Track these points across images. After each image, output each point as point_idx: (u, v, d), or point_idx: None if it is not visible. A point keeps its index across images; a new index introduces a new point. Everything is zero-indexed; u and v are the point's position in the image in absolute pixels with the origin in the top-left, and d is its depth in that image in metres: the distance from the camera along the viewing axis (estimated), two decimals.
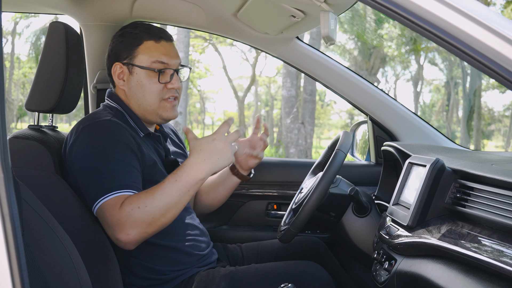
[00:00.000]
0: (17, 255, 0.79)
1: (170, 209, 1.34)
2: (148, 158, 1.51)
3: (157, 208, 1.32)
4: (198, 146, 1.38)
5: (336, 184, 1.72)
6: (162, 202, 1.32)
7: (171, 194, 1.33)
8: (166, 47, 1.58)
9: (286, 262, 1.64)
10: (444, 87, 23.07)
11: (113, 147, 1.42)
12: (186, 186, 1.34)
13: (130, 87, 1.59)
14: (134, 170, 1.43)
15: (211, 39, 18.88)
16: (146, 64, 1.56)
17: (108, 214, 1.33)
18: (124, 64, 1.59)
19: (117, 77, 1.61)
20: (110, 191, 1.35)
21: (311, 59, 2.05)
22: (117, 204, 1.33)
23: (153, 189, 1.35)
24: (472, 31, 0.89)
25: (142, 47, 1.57)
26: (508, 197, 1.08)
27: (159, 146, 1.64)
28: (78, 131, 1.47)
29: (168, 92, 1.57)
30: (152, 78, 1.56)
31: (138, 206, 1.31)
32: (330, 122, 35.87)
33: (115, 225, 1.32)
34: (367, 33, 14.49)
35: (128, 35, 1.59)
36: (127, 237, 1.31)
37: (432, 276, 1.12)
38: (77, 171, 1.43)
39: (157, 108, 1.58)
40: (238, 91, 26.79)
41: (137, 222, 1.31)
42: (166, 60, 1.56)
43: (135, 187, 1.39)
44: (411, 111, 2.10)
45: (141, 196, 1.33)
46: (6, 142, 0.82)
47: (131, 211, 1.31)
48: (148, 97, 1.56)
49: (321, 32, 1.22)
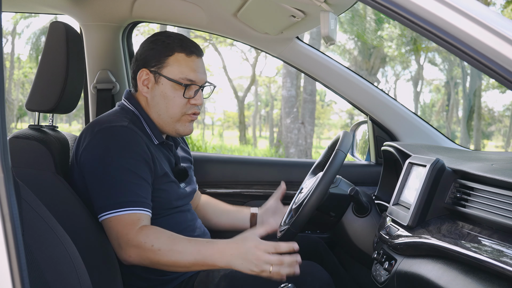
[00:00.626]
0: (17, 255, 0.79)
1: (176, 266, 1.37)
2: (160, 168, 1.51)
3: (167, 258, 1.35)
4: (241, 238, 1.37)
5: (336, 184, 1.72)
6: (174, 258, 1.35)
7: (186, 258, 1.35)
8: (197, 62, 1.56)
9: None
10: (444, 87, 23.08)
11: (128, 157, 1.42)
12: (203, 261, 1.35)
13: (153, 95, 1.57)
14: (146, 184, 1.44)
15: (211, 39, 18.88)
16: (173, 77, 1.53)
17: (120, 229, 1.37)
18: (151, 72, 1.56)
19: (141, 83, 1.58)
20: (122, 207, 1.38)
21: (311, 59, 2.05)
22: (132, 224, 1.37)
23: (176, 240, 1.37)
24: (472, 31, 0.89)
25: (173, 59, 1.54)
26: (508, 197, 1.08)
27: (171, 154, 1.64)
28: (93, 133, 1.46)
29: (190, 108, 1.56)
30: (177, 91, 1.54)
31: (152, 244, 1.35)
32: (330, 122, 35.87)
33: (124, 243, 1.37)
34: (367, 33, 14.48)
35: (160, 43, 1.56)
36: (127, 258, 1.37)
37: (432, 276, 1.12)
38: (88, 174, 1.44)
39: (176, 121, 1.57)
40: (238, 91, 26.80)
41: (143, 255, 1.36)
42: (194, 77, 1.54)
43: (147, 204, 1.43)
44: (411, 111, 2.10)
45: (161, 237, 1.36)
46: (6, 142, 0.82)
47: (144, 244, 1.35)
48: (170, 109, 1.55)
49: (321, 32, 1.22)
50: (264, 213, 1.91)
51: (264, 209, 1.92)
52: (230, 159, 2.28)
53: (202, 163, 2.14)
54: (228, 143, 20.63)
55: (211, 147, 12.63)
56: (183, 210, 1.63)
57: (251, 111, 34.84)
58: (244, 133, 23.27)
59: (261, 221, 1.90)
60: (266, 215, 1.90)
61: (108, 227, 1.40)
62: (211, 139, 17.40)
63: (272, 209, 1.90)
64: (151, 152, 1.49)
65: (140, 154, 1.45)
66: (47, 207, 1.12)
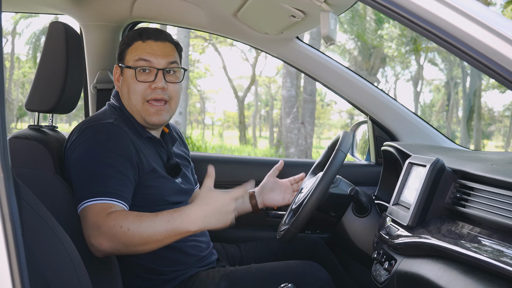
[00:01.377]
0: (17, 255, 0.79)
1: (150, 242, 1.29)
2: (147, 164, 1.50)
3: (138, 236, 1.28)
4: (205, 199, 1.31)
5: (336, 184, 1.72)
6: (145, 234, 1.28)
7: (157, 231, 1.29)
8: (152, 46, 1.54)
9: (286, 262, 1.64)
10: (444, 87, 23.07)
11: (109, 152, 1.42)
12: (174, 230, 1.28)
13: (122, 88, 1.58)
14: (125, 179, 1.41)
15: (211, 39, 18.88)
16: (130, 64, 1.54)
17: (90, 217, 1.32)
18: (119, 66, 1.59)
19: (115, 79, 1.61)
20: (96, 196, 1.34)
21: (311, 59, 2.05)
22: (102, 212, 1.32)
23: (143, 217, 1.31)
24: (472, 31, 0.89)
25: (131, 48, 1.56)
26: (508, 197, 1.08)
27: (161, 150, 1.63)
28: (80, 130, 1.47)
29: (152, 93, 1.53)
30: (134, 77, 1.53)
31: (121, 225, 1.28)
32: (330, 122, 35.88)
33: (94, 230, 1.30)
34: (367, 33, 14.48)
35: (125, 38, 1.60)
36: (99, 246, 1.29)
37: (432, 276, 1.12)
38: (72, 170, 1.44)
39: (140, 110, 1.54)
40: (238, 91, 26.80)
41: (114, 239, 1.29)
42: (149, 58, 1.52)
43: (121, 196, 1.37)
44: (411, 111, 2.10)
45: (128, 217, 1.30)
46: (6, 142, 0.82)
47: (113, 227, 1.29)
48: (132, 97, 1.54)
49: (321, 32, 1.22)
50: (262, 190, 1.90)
51: (260, 187, 1.91)
52: (230, 159, 2.28)
53: (202, 163, 2.14)
54: (228, 143, 20.63)
55: (211, 147, 12.64)
56: None
57: (251, 111, 34.85)
58: (244, 133, 23.27)
59: (261, 200, 1.89)
60: (264, 193, 1.90)
61: (82, 217, 1.35)
62: (211, 139, 17.41)
63: (269, 186, 1.90)
64: (137, 148, 1.48)
65: (122, 149, 1.44)
66: (47, 207, 1.12)
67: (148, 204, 1.51)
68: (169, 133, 1.69)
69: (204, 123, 34.44)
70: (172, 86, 1.55)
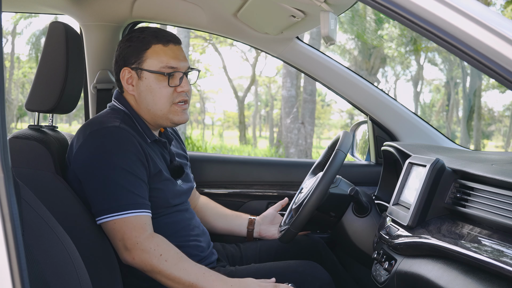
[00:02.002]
0: (17, 255, 0.79)
1: (175, 281, 1.38)
2: (154, 167, 1.51)
3: (171, 271, 1.38)
4: (245, 280, 1.44)
5: (336, 184, 1.72)
6: (177, 272, 1.38)
7: (188, 276, 1.38)
8: (175, 50, 1.56)
9: (286, 262, 1.64)
10: (444, 87, 23.07)
11: (122, 157, 1.42)
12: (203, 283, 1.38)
13: (139, 92, 1.56)
14: (143, 184, 1.45)
15: (211, 39, 18.88)
16: (155, 68, 1.53)
17: (127, 232, 1.39)
18: (133, 69, 1.56)
19: (126, 82, 1.57)
20: (127, 209, 1.40)
21: (311, 59, 2.05)
22: (140, 228, 1.40)
23: (183, 258, 1.42)
24: (472, 31, 0.89)
25: (150, 51, 1.54)
26: (508, 197, 1.08)
27: (165, 151, 1.63)
28: (85, 136, 1.46)
29: (178, 96, 1.55)
30: (161, 82, 1.54)
31: (161, 253, 1.38)
32: (330, 122, 35.88)
33: (131, 245, 1.39)
34: (367, 33, 14.48)
35: (135, 39, 1.56)
36: (131, 260, 1.40)
37: (432, 276, 1.12)
38: (84, 178, 1.44)
39: (167, 112, 1.55)
40: (238, 91, 26.81)
41: (148, 261, 1.38)
42: (175, 64, 1.54)
43: (147, 205, 1.45)
44: (411, 111, 2.10)
45: (170, 250, 1.40)
46: (6, 142, 0.82)
47: (153, 251, 1.38)
48: (158, 101, 1.54)
49: (321, 32, 1.22)
50: (262, 220, 1.92)
51: (262, 216, 1.93)
52: (229, 159, 2.28)
53: (202, 163, 2.14)
54: (228, 143, 20.63)
55: (211, 147, 12.63)
56: (181, 209, 1.63)
57: (251, 111, 34.85)
58: (244, 133, 23.28)
59: (258, 229, 1.91)
60: (264, 223, 1.92)
61: (111, 229, 1.40)
62: (211, 139, 17.40)
63: (269, 218, 1.92)
64: (145, 151, 1.49)
65: (134, 153, 1.45)
66: (47, 207, 1.12)
67: (154, 206, 1.52)
68: (164, 132, 1.69)
69: (204, 123, 34.42)
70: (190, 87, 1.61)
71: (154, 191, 1.51)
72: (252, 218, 1.93)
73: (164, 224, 1.54)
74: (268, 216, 1.92)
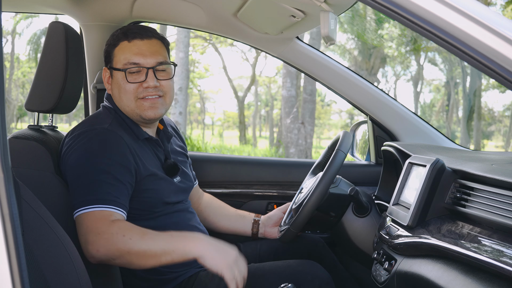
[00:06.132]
0: (17, 255, 0.79)
1: (146, 256, 1.31)
2: (144, 169, 1.50)
3: (137, 247, 1.30)
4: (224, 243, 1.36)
5: (336, 184, 1.72)
6: (145, 246, 1.31)
7: (157, 244, 1.31)
8: (139, 45, 1.54)
9: (286, 261, 1.64)
10: (444, 87, 23.07)
11: (103, 157, 1.42)
12: (174, 249, 1.31)
13: (113, 90, 1.58)
14: (121, 185, 1.42)
15: (211, 39, 18.88)
16: (120, 66, 1.53)
17: (90, 224, 1.34)
18: (109, 68, 1.58)
19: (106, 82, 1.60)
20: (94, 203, 1.36)
21: (311, 59, 2.05)
22: (103, 219, 1.34)
23: (147, 231, 1.34)
24: (472, 31, 0.89)
25: (117, 49, 1.55)
26: (508, 197, 1.08)
27: (159, 150, 1.62)
28: (74, 136, 1.47)
29: (144, 91, 1.53)
30: (125, 79, 1.53)
31: (124, 234, 1.31)
32: (330, 122, 35.90)
33: (93, 236, 1.32)
34: (367, 33, 14.48)
35: (110, 38, 1.58)
36: (95, 252, 1.31)
37: (432, 276, 1.12)
38: (68, 176, 1.44)
39: (135, 108, 1.54)
40: (238, 91, 26.81)
41: (113, 246, 1.30)
42: (138, 60, 1.52)
43: (118, 203, 1.39)
44: (411, 111, 2.10)
45: (133, 229, 1.33)
46: (6, 142, 0.82)
47: (115, 234, 1.31)
48: (124, 97, 1.54)
49: (321, 32, 1.22)
50: (267, 221, 1.91)
51: (267, 217, 1.92)
52: (230, 159, 2.28)
53: (202, 163, 2.14)
54: (228, 143, 20.63)
55: (211, 147, 12.63)
56: (180, 209, 1.63)
57: (251, 111, 34.85)
58: (244, 133, 23.28)
59: (263, 230, 1.90)
60: (269, 224, 1.90)
61: (78, 223, 1.36)
62: (211, 139, 17.41)
63: (275, 219, 1.91)
64: (133, 153, 1.48)
65: (117, 155, 1.44)
66: (47, 207, 1.13)
67: (147, 207, 1.52)
68: (163, 129, 1.68)
69: (204, 123, 34.46)
70: (164, 82, 1.56)
71: (147, 192, 1.51)
72: (257, 218, 1.92)
73: (163, 225, 1.54)
74: (273, 217, 1.91)
